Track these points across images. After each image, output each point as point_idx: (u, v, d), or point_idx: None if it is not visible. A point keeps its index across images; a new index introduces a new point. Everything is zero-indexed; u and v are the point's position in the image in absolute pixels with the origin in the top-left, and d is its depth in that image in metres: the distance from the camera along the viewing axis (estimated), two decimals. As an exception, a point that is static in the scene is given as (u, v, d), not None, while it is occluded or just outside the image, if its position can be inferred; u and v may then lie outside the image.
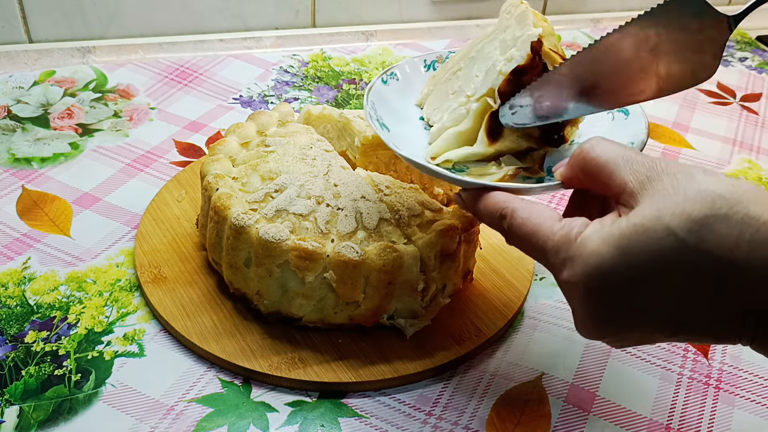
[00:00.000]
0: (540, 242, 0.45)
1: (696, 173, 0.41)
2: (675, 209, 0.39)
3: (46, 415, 0.56)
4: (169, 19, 1.04)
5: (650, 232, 0.39)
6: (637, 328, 0.43)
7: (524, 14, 0.55)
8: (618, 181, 0.43)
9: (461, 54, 0.61)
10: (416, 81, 0.65)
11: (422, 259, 0.60)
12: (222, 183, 0.63)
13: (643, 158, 0.43)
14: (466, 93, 0.57)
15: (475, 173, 0.56)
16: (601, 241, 0.41)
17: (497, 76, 0.54)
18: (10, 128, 0.85)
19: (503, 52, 0.55)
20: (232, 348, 0.60)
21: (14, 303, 0.64)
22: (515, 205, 0.48)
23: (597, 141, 0.46)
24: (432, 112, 0.62)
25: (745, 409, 0.61)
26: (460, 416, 0.58)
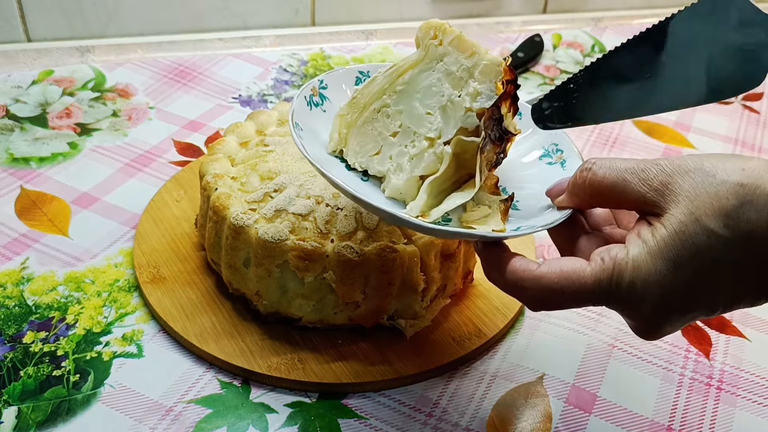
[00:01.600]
0: (577, 285, 0.44)
1: (706, 167, 0.43)
2: (708, 209, 0.41)
3: (45, 415, 0.55)
4: (168, 19, 1.04)
5: (693, 237, 0.42)
6: (692, 319, 0.45)
7: (461, 40, 0.51)
8: (634, 196, 0.45)
9: (374, 89, 0.55)
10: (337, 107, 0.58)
11: (422, 259, 0.60)
12: (221, 183, 0.63)
13: (645, 165, 0.44)
14: (424, 134, 0.52)
15: (472, 219, 0.51)
16: (652, 257, 0.43)
17: (465, 114, 0.50)
18: (9, 128, 0.85)
19: (455, 85, 0.51)
20: (231, 349, 0.60)
21: (12, 303, 0.64)
22: (536, 272, 0.46)
23: (595, 164, 0.46)
24: (367, 160, 0.55)
25: (747, 409, 0.61)
26: (460, 417, 0.58)
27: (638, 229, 0.45)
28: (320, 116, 0.57)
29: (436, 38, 0.52)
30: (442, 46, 0.52)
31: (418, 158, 0.52)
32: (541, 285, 0.45)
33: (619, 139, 0.95)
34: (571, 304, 0.46)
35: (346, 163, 0.56)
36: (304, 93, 0.57)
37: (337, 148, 0.56)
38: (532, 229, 0.49)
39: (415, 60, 0.53)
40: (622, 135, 0.95)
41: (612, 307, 0.46)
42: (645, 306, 0.44)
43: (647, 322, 0.45)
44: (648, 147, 0.94)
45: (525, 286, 0.46)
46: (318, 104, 0.58)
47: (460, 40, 0.51)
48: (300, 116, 0.55)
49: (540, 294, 0.45)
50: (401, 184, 0.53)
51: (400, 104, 0.54)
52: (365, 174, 0.56)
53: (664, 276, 0.42)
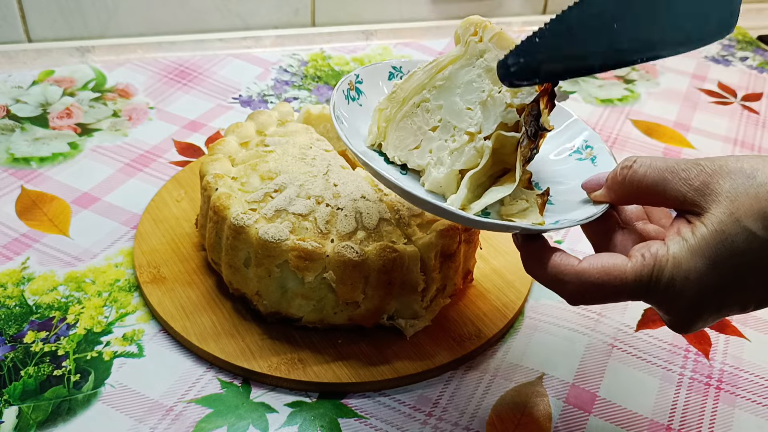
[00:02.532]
0: (618, 281, 0.45)
1: (746, 168, 0.44)
2: (748, 210, 0.43)
3: (45, 415, 0.56)
4: (168, 19, 1.04)
5: (733, 237, 0.43)
6: (725, 315, 0.46)
7: (502, 37, 0.52)
8: (674, 194, 0.46)
9: (414, 84, 0.55)
10: (375, 104, 0.59)
11: (422, 259, 0.60)
12: (221, 183, 0.63)
13: (686, 164, 0.45)
14: (464, 129, 0.53)
15: (511, 213, 0.52)
16: (693, 255, 0.44)
17: (505, 109, 0.51)
18: (9, 128, 0.85)
19: (495, 81, 0.52)
20: (231, 348, 0.60)
21: (13, 303, 0.64)
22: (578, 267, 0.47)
23: (636, 161, 0.47)
24: (407, 153, 0.56)
25: (746, 409, 0.61)
26: (460, 417, 0.58)
27: (677, 226, 0.45)
28: (357, 110, 0.58)
29: (477, 35, 0.53)
30: (483, 42, 0.53)
31: (458, 152, 0.53)
32: (582, 280, 0.46)
33: (618, 139, 0.95)
34: (610, 298, 0.46)
35: (384, 157, 0.57)
36: (342, 87, 0.58)
37: (375, 141, 0.57)
38: (571, 222, 0.49)
39: (456, 56, 0.54)
40: (622, 135, 0.96)
41: (650, 302, 0.46)
42: (682, 302, 0.45)
43: (683, 317, 0.46)
44: (648, 147, 0.94)
45: (566, 281, 0.46)
46: (354, 98, 0.59)
47: (500, 37, 0.52)
48: (339, 110, 0.56)
49: (580, 289, 0.46)
50: (441, 177, 0.54)
51: (440, 99, 0.54)
52: (404, 167, 0.57)
53: (702, 273, 0.43)
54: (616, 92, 1.05)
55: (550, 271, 0.47)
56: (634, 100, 1.04)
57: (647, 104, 1.03)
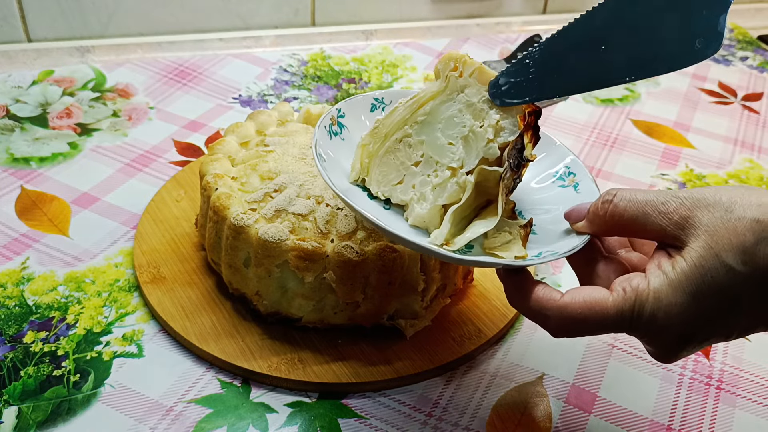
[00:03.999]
0: (600, 315, 0.46)
1: (724, 201, 0.44)
2: (726, 245, 0.43)
3: (45, 415, 0.55)
4: (168, 18, 1.04)
5: (713, 272, 0.43)
6: (709, 344, 0.47)
7: (483, 72, 0.52)
8: (654, 228, 0.46)
9: (395, 120, 0.55)
10: (358, 138, 0.58)
11: (422, 259, 0.60)
12: (221, 183, 0.63)
13: (665, 198, 0.46)
14: (447, 164, 0.53)
15: (494, 246, 0.52)
16: (673, 289, 0.44)
17: (486, 145, 0.51)
18: (9, 128, 0.85)
19: (476, 116, 0.52)
20: (231, 348, 0.60)
21: (13, 303, 0.64)
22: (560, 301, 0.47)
23: (616, 195, 0.48)
24: (390, 189, 0.56)
25: (746, 409, 0.61)
26: (460, 417, 0.58)
27: (658, 259, 0.46)
28: (340, 145, 0.58)
29: (457, 69, 0.53)
30: (463, 77, 0.53)
31: (441, 188, 0.53)
32: (564, 314, 0.46)
33: (618, 139, 0.95)
34: (593, 332, 0.47)
35: (368, 192, 0.57)
36: (324, 123, 0.58)
37: (359, 177, 0.57)
38: (554, 255, 0.50)
39: (436, 91, 0.54)
40: (622, 135, 0.96)
41: (633, 335, 0.47)
42: (665, 335, 0.45)
43: (666, 349, 0.47)
44: (648, 147, 0.94)
45: (548, 315, 0.47)
46: (337, 133, 0.59)
47: (480, 72, 0.52)
48: (322, 146, 0.56)
49: (562, 323, 0.47)
50: (425, 213, 0.54)
51: (422, 134, 0.55)
52: (387, 202, 0.57)
53: (684, 307, 0.44)
54: (616, 92, 1.05)
55: (532, 305, 0.48)
56: (635, 99, 1.04)
57: (647, 104, 1.03)
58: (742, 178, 0.90)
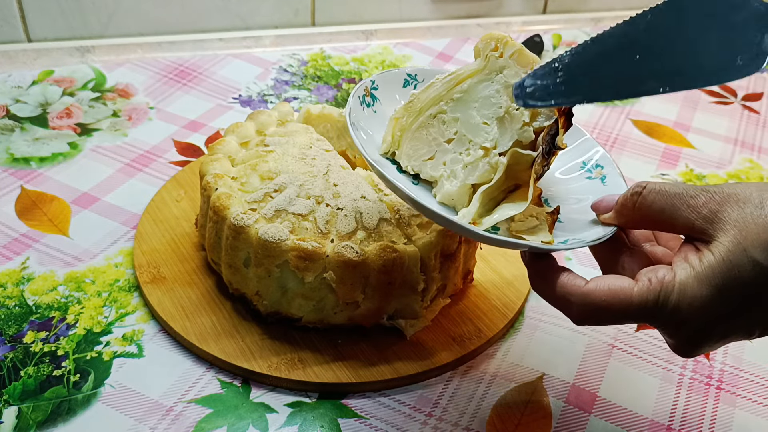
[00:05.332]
0: (623, 304, 0.45)
1: (755, 198, 0.44)
2: (755, 241, 0.43)
3: (45, 415, 0.55)
4: (168, 18, 1.04)
5: (739, 267, 0.43)
6: (730, 341, 0.47)
7: (522, 54, 0.52)
8: (682, 222, 0.46)
9: (431, 95, 0.55)
10: (389, 112, 0.58)
11: (422, 259, 0.60)
12: (221, 183, 0.63)
13: (694, 191, 0.46)
14: (480, 143, 0.53)
15: (521, 230, 0.52)
16: (699, 282, 0.44)
17: (522, 128, 0.51)
18: (9, 128, 0.85)
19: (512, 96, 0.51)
20: (231, 348, 0.60)
21: (13, 303, 0.64)
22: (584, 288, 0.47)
23: (645, 188, 0.47)
24: (420, 164, 0.56)
25: (746, 409, 0.61)
26: (460, 417, 0.58)
27: (685, 252, 0.46)
28: (371, 117, 0.58)
29: (497, 50, 0.53)
30: (503, 58, 0.53)
31: (472, 166, 0.53)
32: (588, 301, 0.46)
33: (618, 139, 0.95)
34: (615, 320, 0.47)
35: (397, 165, 0.57)
36: (358, 93, 0.58)
37: (389, 150, 0.57)
38: (580, 243, 0.49)
39: (475, 69, 0.54)
40: (622, 135, 0.96)
41: (654, 326, 0.47)
42: (687, 328, 0.45)
43: (687, 342, 0.46)
44: (648, 147, 0.94)
45: (572, 301, 0.47)
46: (369, 105, 0.59)
47: (520, 54, 0.52)
48: (355, 116, 0.56)
49: (585, 309, 0.46)
50: (454, 190, 0.54)
51: (457, 112, 0.55)
52: (416, 177, 0.57)
53: (708, 301, 0.44)
54: (616, 92, 1.05)
55: (557, 291, 0.47)
56: (635, 99, 1.04)
57: (647, 104, 1.03)
58: (742, 178, 0.90)
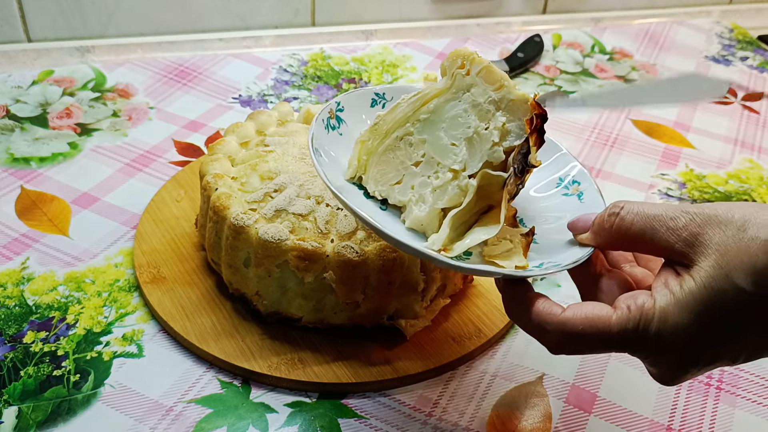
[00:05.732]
0: (602, 333, 0.44)
1: (737, 219, 0.42)
2: (738, 265, 0.41)
3: (45, 415, 0.55)
4: (168, 18, 1.04)
5: (722, 293, 0.42)
6: (716, 367, 0.45)
7: (490, 71, 0.50)
8: (662, 245, 0.44)
9: (397, 116, 0.53)
10: (356, 133, 0.56)
11: (422, 259, 0.60)
12: (221, 183, 0.63)
13: (674, 212, 0.44)
14: (449, 166, 0.51)
15: (494, 254, 0.50)
16: (680, 309, 0.43)
17: (491, 148, 0.49)
18: (9, 128, 0.85)
19: (482, 117, 0.50)
20: (231, 348, 0.60)
21: (13, 303, 0.64)
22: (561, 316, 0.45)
23: (623, 208, 0.46)
24: (388, 189, 0.54)
25: (746, 409, 0.61)
26: (460, 417, 0.58)
27: (665, 277, 0.44)
28: (337, 140, 0.56)
29: (464, 67, 0.51)
30: (470, 76, 0.51)
31: (441, 190, 0.51)
32: (565, 330, 0.45)
33: (618, 139, 0.95)
34: (594, 350, 0.46)
35: (364, 191, 0.55)
36: (322, 116, 0.56)
37: (355, 174, 0.55)
38: (556, 267, 0.48)
39: (441, 89, 0.52)
40: (622, 135, 0.96)
41: (635, 355, 0.45)
42: (669, 356, 0.44)
43: (670, 371, 0.45)
44: (648, 147, 0.94)
45: (548, 330, 0.45)
46: (335, 127, 0.57)
47: (488, 72, 0.50)
48: (319, 140, 0.54)
49: (562, 338, 0.45)
50: (423, 216, 0.52)
51: (424, 133, 0.53)
52: (384, 203, 0.55)
53: (690, 328, 0.42)
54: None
55: (533, 319, 0.46)
56: (635, 100, 1.04)
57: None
58: (742, 178, 0.90)
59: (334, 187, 0.49)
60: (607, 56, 1.14)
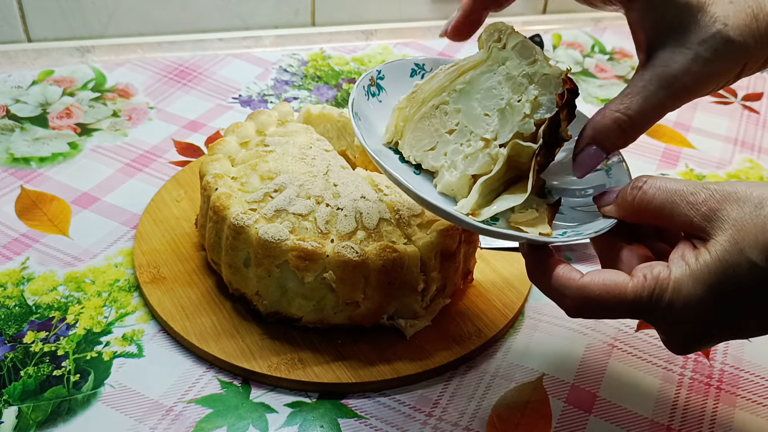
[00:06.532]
0: (617, 299, 0.46)
1: (755, 197, 0.44)
2: (752, 241, 0.43)
3: (45, 415, 0.55)
4: (168, 18, 1.04)
5: (735, 267, 0.43)
6: (724, 340, 0.47)
7: (524, 46, 0.52)
8: (681, 218, 0.46)
9: (434, 86, 0.55)
10: (395, 101, 0.58)
11: (422, 259, 0.60)
12: (221, 183, 0.63)
13: (694, 188, 0.46)
14: (480, 135, 0.53)
15: (520, 221, 0.52)
16: (694, 281, 0.44)
17: (522, 119, 0.51)
18: (9, 128, 0.85)
19: (515, 89, 0.52)
20: (231, 348, 0.60)
21: (13, 303, 0.64)
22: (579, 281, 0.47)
23: (646, 182, 0.48)
24: (422, 154, 0.56)
25: (746, 409, 0.61)
26: (460, 417, 0.58)
27: (682, 249, 0.46)
28: (376, 106, 0.59)
29: (500, 41, 0.53)
30: (506, 50, 0.53)
31: (472, 157, 0.53)
32: (583, 295, 0.46)
33: (619, 139, 0.94)
34: (609, 315, 0.47)
35: (399, 155, 0.57)
36: (363, 83, 0.58)
37: (392, 139, 0.57)
38: (579, 236, 0.50)
39: (478, 60, 0.54)
40: (622, 135, 0.95)
41: (648, 322, 0.47)
42: (680, 326, 0.45)
43: (680, 340, 0.46)
44: (648, 147, 0.94)
45: (566, 294, 0.47)
46: (375, 94, 0.59)
47: (523, 46, 0.52)
48: (358, 106, 0.56)
49: (580, 303, 0.47)
50: (454, 181, 0.54)
51: (459, 103, 0.55)
52: (417, 167, 0.57)
53: (702, 300, 0.44)
54: (616, 92, 1.05)
55: (552, 283, 0.48)
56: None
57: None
58: (742, 178, 0.90)
59: (371, 150, 0.52)
60: (607, 56, 1.14)
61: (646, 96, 0.49)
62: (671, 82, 0.49)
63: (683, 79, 0.49)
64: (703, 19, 0.49)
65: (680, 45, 0.49)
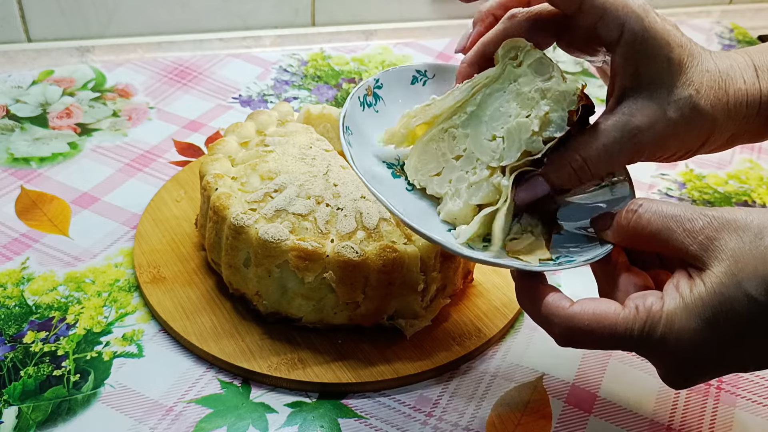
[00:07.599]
0: (607, 330, 0.44)
1: (755, 226, 0.42)
2: (751, 273, 0.41)
3: (45, 415, 0.55)
4: (168, 18, 1.04)
5: (732, 300, 0.41)
6: (725, 373, 0.45)
7: (543, 63, 0.51)
8: (677, 246, 0.44)
9: (449, 102, 0.54)
10: (393, 110, 0.57)
11: (422, 259, 0.60)
12: (221, 183, 0.63)
13: (692, 214, 0.44)
14: (486, 163, 0.52)
15: (516, 249, 0.50)
16: (687, 314, 0.42)
17: (531, 137, 0.49)
18: (9, 128, 0.85)
19: (524, 105, 0.50)
20: (231, 348, 0.60)
21: (13, 303, 0.64)
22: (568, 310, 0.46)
23: (641, 206, 0.46)
24: (427, 179, 0.55)
25: (747, 409, 0.61)
26: (460, 417, 0.58)
27: (677, 279, 0.44)
28: (372, 117, 0.57)
29: (516, 59, 0.52)
30: (521, 67, 0.51)
31: (476, 186, 0.52)
32: (571, 325, 0.45)
33: (618, 139, 0.94)
34: (599, 346, 0.46)
35: (392, 170, 0.56)
36: (358, 93, 0.56)
37: (392, 141, 0.56)
38: (571, 263, 0.48)
39: (492, 76, 0.53)
40: (622, 135, 0.95)
41: (641, 355, 0.46)
42: (675, 360, 0.44)
43: (677, 374, 0.45)
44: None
45: (555, 323, 0.46)
46: (371, 104, 0.57)
47: (540, 63, 0.51)
48: (351, 119, 0.54)
49: (568, 332, 0.45)
50: (456, 210, 0.53)
51: (468, 128, 0.53)
52: (410, 183, 0.56)
53: (697, 334, 0.42)
54: (616, 92, 1.05)
55: (542, 311, 0.46)
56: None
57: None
58: (742, 178, 0.90)
59: (361, 172, 0.50)
60: (607, 56, 1.14)
61: (606, 143, 0.48)
62: (634, 133, 0.48)
63: (646, 133, 0.48)
64: (679, 80, 0.48)
65: (651, 99, 0.48)
